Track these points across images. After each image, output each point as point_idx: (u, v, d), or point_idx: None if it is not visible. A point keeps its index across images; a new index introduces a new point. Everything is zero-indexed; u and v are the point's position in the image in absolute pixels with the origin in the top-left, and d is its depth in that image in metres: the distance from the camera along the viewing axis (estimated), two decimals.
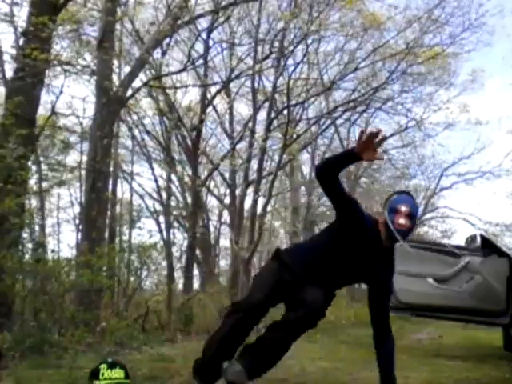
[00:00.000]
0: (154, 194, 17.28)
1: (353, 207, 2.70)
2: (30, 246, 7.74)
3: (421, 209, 23.27)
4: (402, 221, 2.48)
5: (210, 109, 15.15)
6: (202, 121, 13.23)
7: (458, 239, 28.96)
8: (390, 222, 2.51)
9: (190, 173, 14.45)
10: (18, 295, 6.63)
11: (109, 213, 10.20)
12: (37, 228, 11.67)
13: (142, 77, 11.79)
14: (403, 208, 2.50)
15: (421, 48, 13.10)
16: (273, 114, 13.02)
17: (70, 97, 13.06)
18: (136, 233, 11.11)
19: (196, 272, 16.66)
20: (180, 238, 15.82)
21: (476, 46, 13.68)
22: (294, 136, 13.81)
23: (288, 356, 3.10)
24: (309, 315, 2.56)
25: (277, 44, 12.53)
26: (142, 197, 17.39)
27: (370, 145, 2.40)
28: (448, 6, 12.63)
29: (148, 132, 15.87)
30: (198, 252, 16.22)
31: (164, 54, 12.53)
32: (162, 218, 16.03)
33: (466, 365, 5.89)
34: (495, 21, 17.39)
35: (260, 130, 13.21)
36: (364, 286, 2.86)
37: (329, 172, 2.65)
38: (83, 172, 11.07)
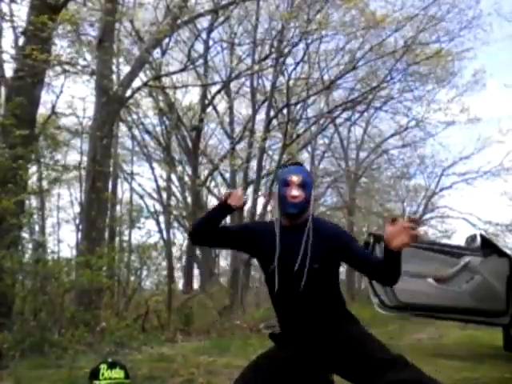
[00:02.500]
0: (154, 194, 17.30)
1: (246, 232, 2.36)
2: (29, 246, 7.75)
3: (421, 209, 23.33)
4: (294, 192, 2.15)
5: (210, 109, 15.17)
6: (201, 120, 13.24)
7: (458, 239, 29.00)
8: (281, 197, 2.18)
9: (190, 173, 14.46)
10: (18, 295, 6.63)
11: (109, 213, 10.19)
12: (37, 228, 11.70)
13: (141, 77, 11.81)
14: (294, 178, 2.17)
15: (419, 46, 13.13)
16: (272, 114, 13.03)
17: (71, 97, 13.08)
18: (138, 234, 11.12)
19: (196, 272, 16.67)
20: (180, 238, 15.87)
21: (474, 43, 13.77)
22: (294, 135, 13.82)
23: None
24: None
25: (276, 44, 12.54)
26: (141, 197, 17.42)
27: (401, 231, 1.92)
28: (444, 4, 12.74)
29: (148, 132, 15.87)
30: (198, 252, 16.22)
31: (164, 53, 12.53)
32: (161, 218, 16.05)
33: (466, 365, 5.89)
34: (493, 19, 17.44)
35: (260, 129, 13.23)
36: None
37: (203, 234, 2.35)
38: (83, 172, 11.07)
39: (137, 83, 10.32)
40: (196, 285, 15.89)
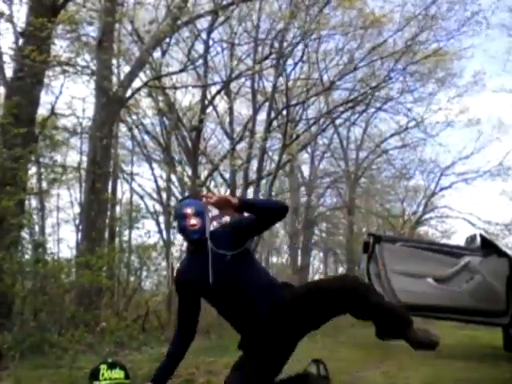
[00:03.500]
0: (154, 195, 17.26)
1: (183, 291, 2.70)
2: (29, 246, 7.75)
3: (420, 209, 23.33)
4: (192, 221, 2.57)
5: (210, 109, 15.15)
6: (201, 121, 13.21)
7: (458, 239, 28.98)
8: (182, 229, 2.60)
9: (189, 173, 14.44)
10: (18, 295, 6.63)
11: (108, 213, 10.19)
12: (36, 228, 11.67)
13: (141, 77, 11.79)
14: (188, 210, 2.60)
15: (419, 46, 13.12)
16: (273, 114, 13.02)
17: (70, 97, 13.06)
18: (137, 234, 11.08)
19: None
20: (180, 239, 15.84)
21: (473, 40, 13.74)
22: (294, 136, 13.82)
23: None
24: None
25: (276, 44, 12.54)
26: (141, 197, 17.36)
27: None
28: (444, 3, 12.71)
29: (148, 132, 15.85)
30: None
31: (164, 53, 12.51)
32: (161, 218, 16.02)
33: (466, 365, 5.89)
34: (492, 15, 17.41)
35: (260, 130, 13.22)
36: None
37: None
38: (83, 172, 11.05)
39: (137, 83, 10.33)
40: None
